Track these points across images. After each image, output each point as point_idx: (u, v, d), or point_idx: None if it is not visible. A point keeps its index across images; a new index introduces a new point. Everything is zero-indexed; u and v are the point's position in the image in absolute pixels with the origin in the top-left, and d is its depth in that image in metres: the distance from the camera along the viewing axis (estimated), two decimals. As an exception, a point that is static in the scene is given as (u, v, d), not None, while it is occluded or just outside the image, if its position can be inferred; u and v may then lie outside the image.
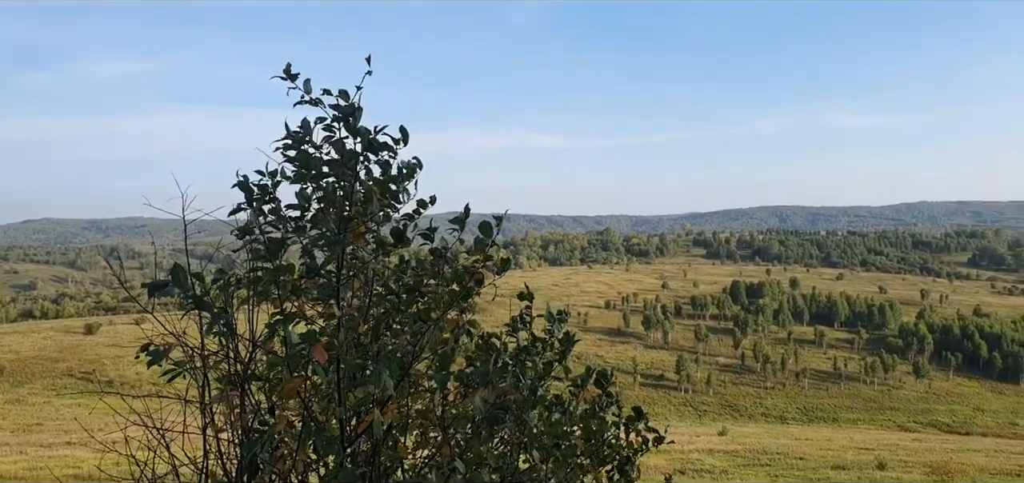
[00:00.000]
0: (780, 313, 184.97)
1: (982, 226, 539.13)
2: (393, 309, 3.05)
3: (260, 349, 2.86)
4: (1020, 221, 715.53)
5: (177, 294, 2.48)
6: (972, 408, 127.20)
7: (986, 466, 49.96)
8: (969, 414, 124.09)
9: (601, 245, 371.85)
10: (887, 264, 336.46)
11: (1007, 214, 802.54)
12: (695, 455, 53.65)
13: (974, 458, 55.03)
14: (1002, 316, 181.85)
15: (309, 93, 2.94)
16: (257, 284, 2.80)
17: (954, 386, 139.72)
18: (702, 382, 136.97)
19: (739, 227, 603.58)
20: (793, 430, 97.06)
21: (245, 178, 2.94)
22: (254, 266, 2.81)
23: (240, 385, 2.87)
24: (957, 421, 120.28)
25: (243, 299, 2.94)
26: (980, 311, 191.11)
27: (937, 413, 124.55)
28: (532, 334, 3.76)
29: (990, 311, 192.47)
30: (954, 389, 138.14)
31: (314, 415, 2.90)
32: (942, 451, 60.89)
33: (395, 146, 3.08)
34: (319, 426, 2.70)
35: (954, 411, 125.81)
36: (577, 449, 3.75)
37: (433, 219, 3.39)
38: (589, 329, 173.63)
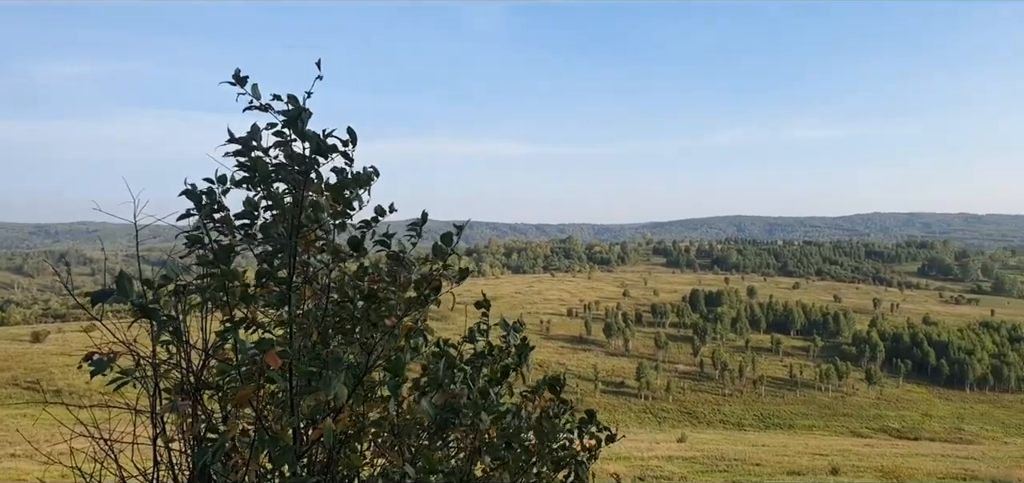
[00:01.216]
0: (738, 321, 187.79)
1: (931, 237, 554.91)
2: (347, 316, 3.00)
3: (212, 357, 2.81)
4: (966, 233, 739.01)
5: (125, 302, 2.42)
6: (921, 414, 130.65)
7: (933, 470, 51.34)
8: (918, 420, 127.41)
9: (564, 253, 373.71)
10: (841, 273, 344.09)
11: (954, 226, 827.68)
12: (655, 462, 54.14)
13: (922, 463, 56.52)
14: (949, 324, 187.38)
15: (258, 98, 2.89)
16: (206, 291, 2.74)
17: (904, 392, 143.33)
18: (662, 389, 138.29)
19: (698, 236, 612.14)
20: (750, 436, 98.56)
21: (193, 186, 2.88)
22: (204, 273, 2.75)
23: (192, 394, 2.81)
24: (907, 426, 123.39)
25: (195, 306, 2.88)
26: (929, 319, 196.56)
27: (888, 419, 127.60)
28: (488, 342, 3.78)
29: (938, 319, 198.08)
30: (904, 395, 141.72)
31: (268, 424, 2.85)
32: (892, 456, 62.41)
33: (345, 148, 3.04)
34: (273, 435, 2.63)
35: (904, 417, 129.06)
36: (531, 454, 3.77)
37: (391, 226, 3.37)
38: (551, 337, 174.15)
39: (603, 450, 4.13)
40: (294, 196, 2.92)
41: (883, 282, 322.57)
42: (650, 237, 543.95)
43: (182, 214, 2.89)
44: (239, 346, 2.55)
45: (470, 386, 3.47)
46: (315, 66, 2.97)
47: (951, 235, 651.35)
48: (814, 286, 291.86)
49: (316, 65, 2.97)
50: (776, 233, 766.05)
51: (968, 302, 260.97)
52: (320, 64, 2.97)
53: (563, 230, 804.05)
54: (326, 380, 2.55)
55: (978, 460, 59.20)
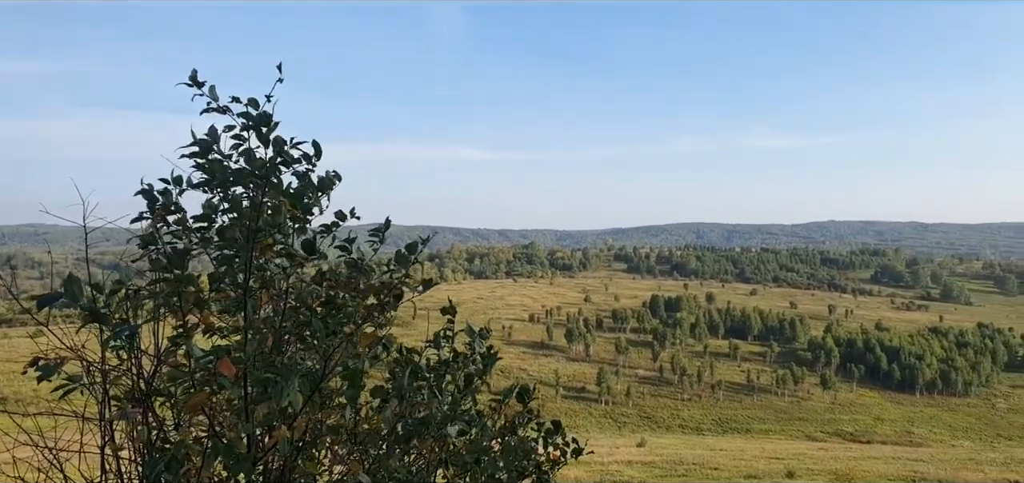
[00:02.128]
0: (697, 327, 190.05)
1: (884, 245, 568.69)
2: (304, 322, 2.94)
3: (164, 363, 2.74)
4: (917, 241, 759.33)
5: (74, 306, 2.34)
6: (873, 417, 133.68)
7: (884, 473, 52.55)
8: (870, 423, 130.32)
9: (526, 259, 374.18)
10: (797, 280, 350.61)
11: (906, 234, 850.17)
12: (614, 466, 54.45)
13: (874, 465, 57.82)
14: (900, 330, 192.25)
15: (216, 100, 2.83)
16: (159, 296, 2.67)
17: (857, 397, 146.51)
18: (622, 394, 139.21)
19: (659, 243, 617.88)
20: (708, 441, 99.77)
21: (149, 187, 2.81)
22: (157, 277, 2.69)
23: (143, 401, 2.74)
24: (859, 430, 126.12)
25: (148, 311, 2.81)
26: (881, 325, 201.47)
27: (842, 423, 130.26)
28: (453, 349, 3.74)
29: (890, 325, 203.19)
30: (857, 399, 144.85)
31: (221, 431, 2.79)
32: (846, 459, 63.72)
33: (311, 159, 2.99)
34: (227, 443, 2.56)
35: (857, 420, 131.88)
36: (497, 463, 3.75)
37: (353, 231, 3.31)
38: (513, 342, 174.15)
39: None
40: (252, 200, 2.85)
41: (838, 289, 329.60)
42: (612, 243, 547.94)
43: (136, 217, 2.81)
44: (192, 352, 2.46)
45: (438, 396, 3.43)
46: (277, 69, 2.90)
47: (902, 243, 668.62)
48: (771, 292, 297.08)
49: (277, 69, 2.90)
50: (734, 240, 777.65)
51: (918, 308, 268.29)
52: (281, 67, 2.90)
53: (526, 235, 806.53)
54: (279, 387, 2.50)
55: (927, 462, 60.80)
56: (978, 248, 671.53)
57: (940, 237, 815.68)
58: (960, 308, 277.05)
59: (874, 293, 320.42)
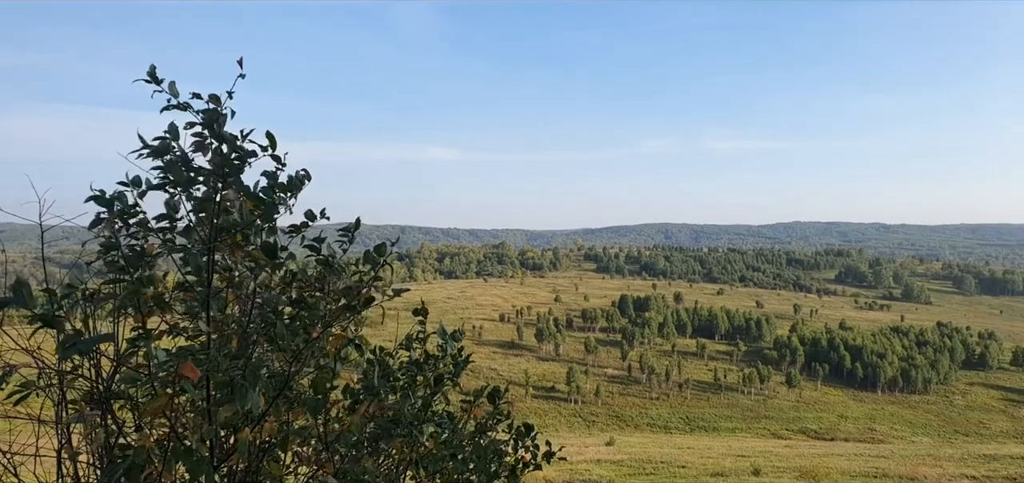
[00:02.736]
0: (665, 326, 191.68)
1: (848, 245, 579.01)
2: (271, 323, 2.90)
3: (124, 365, 2.67)
4: (879, 242, 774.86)
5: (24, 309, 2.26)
6: (837, 415, 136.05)
7: (848, 469, 53.53)
8: (834, 421, 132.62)
9: (497, 258, 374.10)
10: (764, 280, 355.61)
11: (869, 235, 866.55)
12: (583, 466, 54.71)
13: (838, 462, 58.85)
14: (863, 329, 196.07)
15: (176, 97, 2.74)
16: (118, 297, 2.59)
17: (822, 395, 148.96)
18: (591, 393, 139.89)
19: (628, 243, 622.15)
20: (676, 439, 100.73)
21: (101, 192, 2.69)
22: (116, 278, 2.61)
23: (101, 404, 2.65)
24: (824, 427, 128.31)
25: (107, 313, 2.72)
26: (845, 324, 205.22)
27: (806, 420, 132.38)
28: (425, 351, 3.76)
29: (853, 324, 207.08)
30: (821, 398, 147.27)
31: (183, 434, 2.72)
32: (810, 456, 64.78)
33: (272, 152, 2.95)
34: (188, 446, 2.49)
35: (821, 418, 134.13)
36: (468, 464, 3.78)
37: (323, 230, 3.30)
38: (483, 342, 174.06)
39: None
40: (214, 200, 2.78)
41: (803, 288, 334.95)
42: (582, 243, 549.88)
43: (94, 220, 2.70)
44: (152, 354, 2.40)
45: (410, 396, 3.45)
46: (237, 65, 2.86)
47: (866, 244, 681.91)
48: (738, 292, 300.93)
49: (238, 64, 2.84)
50: (702, 240, 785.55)
51: (880, 308, 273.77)
52: (242, 62, 2.85)
53: (496, 235, 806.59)
54: (242, 390, 2.45)
55: (888, 459, 62.07)
56: (938, 249, 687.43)
57: (902, 238, 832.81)
58: (920, 308, 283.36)
59: (838, 293, 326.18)
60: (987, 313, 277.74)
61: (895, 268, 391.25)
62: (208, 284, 2.74)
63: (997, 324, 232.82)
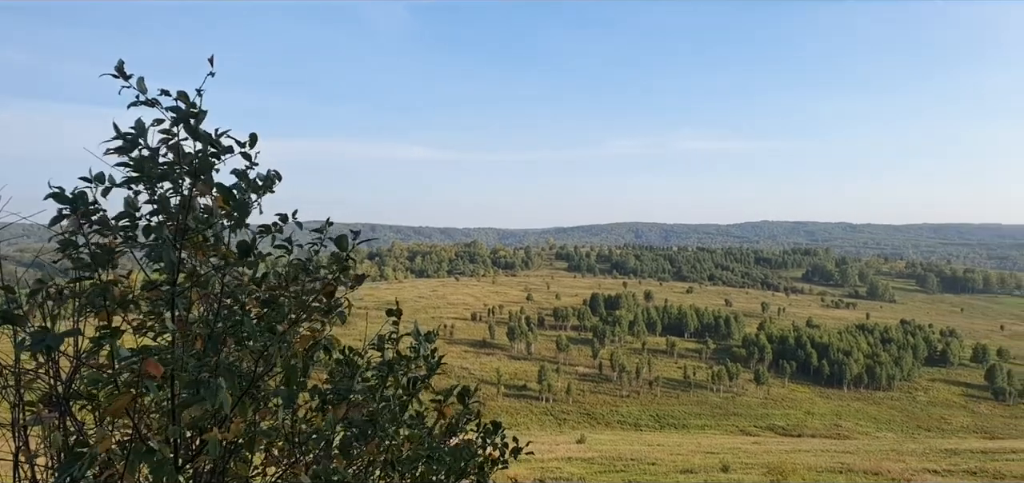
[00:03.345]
0: (635, 324, 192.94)
1: (814, 244, 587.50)
2: (237, 323, 2.86)
3: (85, 365, 2.61)
4: (845, 241, 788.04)
5: None
6: (804, 412, 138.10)
7: (814, 465, 54.36)
8: (801, 418, 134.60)
9: (468, 257, 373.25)
10: (732, 278, 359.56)
11: (835, 234, 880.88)
12: (554, 463, 54.87)
13: (805, 458, 59.76)
14: (830, 327, 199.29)
15: (144, 93, 2.68)
16: (80, 296, 2.53)
17: (789, 392, 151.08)
18: (562, 391, 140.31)
19: (599, 242, 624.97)
20: (646, 436, 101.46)
21: (60, 189, 2.62)
22: (77, 277, 2.55)
23: (60, 405, 2.58)
24: (791, 424, 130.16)
25: (68, 311, 2.67)
26: (812, 322, 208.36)
27: (774, 417, 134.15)
28: (397, 352, 3.74)
29: (820, 322, 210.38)
30: (789, 394, 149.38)
31: (147, 435, 2.65)
32: (778, 453, 65.68)
33: (243, 148, 2.90)
34: (152, 447, 2.40)
35: (788, 415, 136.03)
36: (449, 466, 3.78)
37: (293, 230, 3.28)
38: (455, 341, 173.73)
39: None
40: (182, 198, 2.72)
41: (771, 287, 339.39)
42: (553, 242, 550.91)
43: (54, 218, 2.63)
44: (115, 353, 2.33)
45: (389, 401, 3.43)
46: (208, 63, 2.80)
47: (832, 243, 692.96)
48: (707, 290, 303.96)
49: (209, 62, 2.79)
50: (672, 239, 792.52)
51: (846, 306, 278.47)
52: (213, 60, 2.80)
53: (468, 234, 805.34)
54: (211, 387, 2.40)
55: (853, 454, 63.19)
56: (902, 248, 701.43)
57: (867, 238, 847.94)
58: (885, 306, 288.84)
59: (805, 291, 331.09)
60: (948, 311, 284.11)
61: (861, 267, 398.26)
62: (173, 283, 2.67)
63: (958, 321, 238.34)
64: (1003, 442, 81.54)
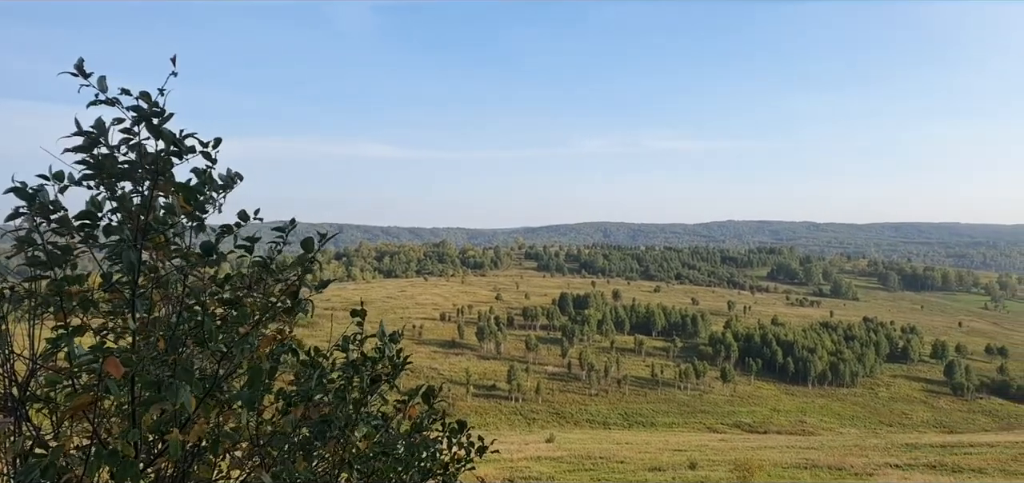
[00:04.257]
0: (603, 323, 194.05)
1: (779, 244, 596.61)
2: (199, 323, 2.82)
3: (42, 367, 2.55)
4: (809, 240, 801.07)
5: None
6: (769, 409, 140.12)
7: (780, 461, 55.13)
8: (767, 414, 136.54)
9: (437, 257, 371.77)
10: (699, 277, 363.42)
11: (800, 233, 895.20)
12: (523, 463, 54.90)
13: (770, 454, 60.59)
14: (794, 325, 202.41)
15: (104, 91, 2.62)
16: (36, 296, 2.48)
17: (755, 389, 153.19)
18: (532, 391, 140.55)
19: (567, 241, 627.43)
20: (615, 435, 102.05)
21: (23, 184, 2.57)
22: (34, 275, 2.50)
23: (16, 409, 2.53)
24: (757, 421, 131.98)
25: (24, 311, 2.61)
26: (777, 320, 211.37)
27: (740, 414, 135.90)
28: (362, 353, 3.67)
29: (785, 320, 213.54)
30: (755, 392, 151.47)
31: (105, 437, 2.60)
32: (744, 449, 66.48)
33: (210, 154, 2.86)
34: (112, 449, 2.35)
35: (754, 412, 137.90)
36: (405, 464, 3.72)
37: (258, 230, 3.19)
38: (424, 341, 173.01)
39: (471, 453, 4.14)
40: (143, 197, 2.68)
41: (736, 286, 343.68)
42: (522, 242, 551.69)
43: (10, 214, 2.58)
44: (74, 354, 2.28)
45: (345, 399, 3.36)
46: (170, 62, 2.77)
47: (796, 242, 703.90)
48: (674, 289, 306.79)
49: (171, 61, 2.75)
50: (639, 239, 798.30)
51: (811, 304, 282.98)
52: (175, 60, 2.76)
53: (437, 234, 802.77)
54: (174, 388, 2.36)
55: (818, 450, 64.23)
56: (864, 247, 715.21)
57: (831, 237, 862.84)
58: (848, 304, 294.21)
59: (770, 290, 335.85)
60: (909, 308, 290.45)
61: (824, 266, 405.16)
62: (133, 283, 2.62)
63: (918, 319, 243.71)
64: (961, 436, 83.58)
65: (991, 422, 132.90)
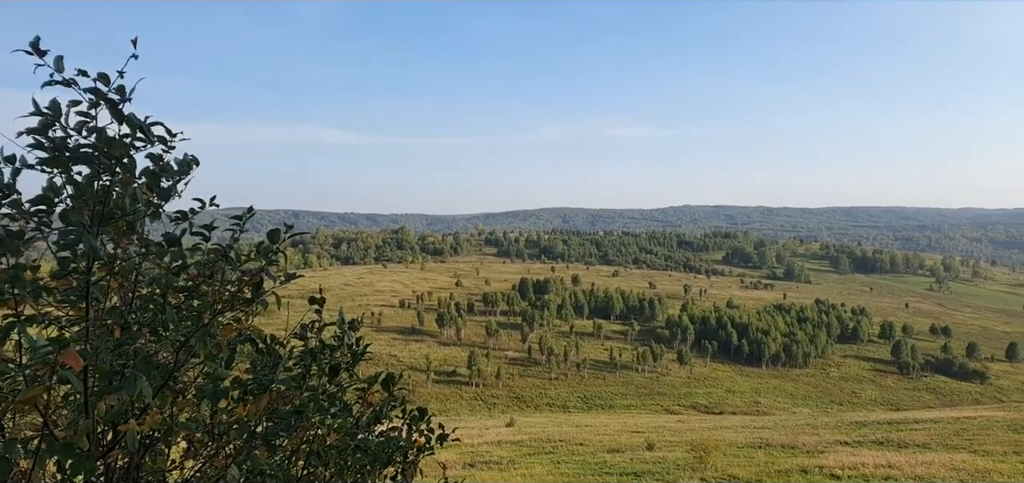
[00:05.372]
0: (563, 308, 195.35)
1: (734, 228, 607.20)
2: (157, 312, 2.76)
3: None
4: (763, 224, 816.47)
5: None
6: (725, 390, 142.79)
7: (735, 441, 56.21)
8: (722, 395, 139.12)
9: (396, 244, 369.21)
10: (656, 262, 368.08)
11: (754, 218, 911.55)
12: (484, 448, 55.07)
13: (726, 435, 61.72)
14: (749, 307, 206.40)
15: (61, 71, 2.51)
16: None
17: (711, 371, 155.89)
18: (492, 376, 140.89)
19: (527, 227, 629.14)
20: (574, 418, 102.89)
21: None
22: None
23: None
24: (713, 402, 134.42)
25: None
26: (732, 303, 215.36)
27: (697, 396, 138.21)
28: (321, 341, 3.65)
29: (740, 303, 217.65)
30: (711, 373, 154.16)
31: (55, 429, 2.51)
32: (701, 430, 67.65)
33: (170, 139, 2.81)
34: (64, 441, 2.27)
35: (710, 393, 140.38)
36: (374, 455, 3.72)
37: (214, 218, 3.14)
38: (383, 329, 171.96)
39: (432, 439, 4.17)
40: (102, 183, 2.59)
41: (693, 270, 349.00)
42: (482, 228, 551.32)
43: None
44: (31, 344, 2.22)
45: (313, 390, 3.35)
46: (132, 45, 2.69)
47: (751, 226, 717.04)
48: (632, 274, 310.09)
49: (132, 44, 2.67)
50: (598, 224, 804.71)
51: (765, 287, 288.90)
52: (136, 42, 2.68)
53: (395, 220, 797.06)
54: (131, 378, 2.29)
55: (771, 429, 65.67)
56: (816, 231, 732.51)
57: (784, 221, 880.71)
58: (801, 286, 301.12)
59: (725, 273, 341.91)
60: (859, 290, 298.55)
61: (778, 249, 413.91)
62: (89, 270, 2.54)
63: (867, 300, 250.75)
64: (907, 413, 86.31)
65: (935, 399, 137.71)
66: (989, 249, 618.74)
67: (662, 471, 44.16)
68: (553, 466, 48.61)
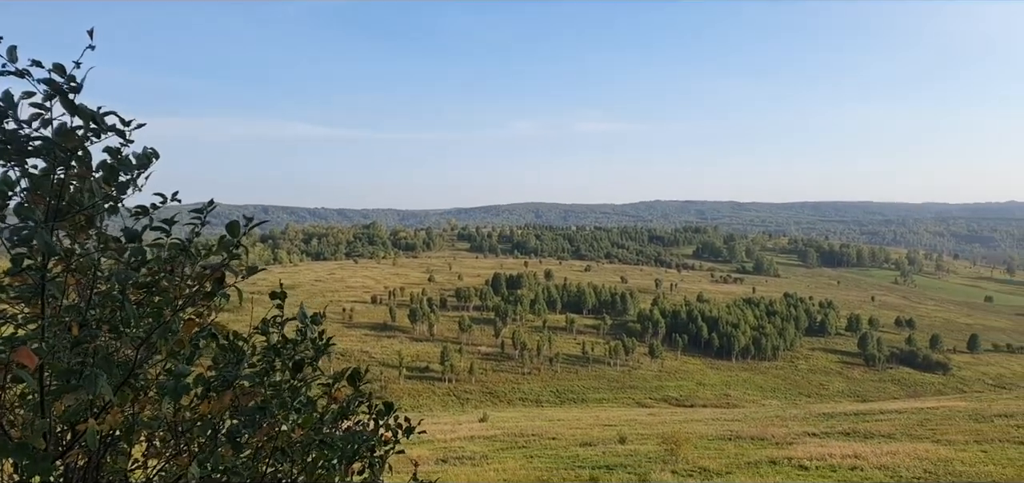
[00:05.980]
0: (536, 303, 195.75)
1: (704, 222, 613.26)
2: (117, 308, 2.69)
3: None
4: (733, 219, 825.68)
5: None
6: (695, 383, 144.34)
7: (705, 433, 56.85)
8: (693, 388, 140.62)
9: (367, 239, 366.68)
10: (628, 256, 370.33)
11: (723, 213, 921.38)
12: (457, 443, 55.03)
13: (697, 427, 62.39)
14: (719, 301, 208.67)
15: (13, 62, 2.45)
16: None
17: (681, 364, 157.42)
18: (465, 371, 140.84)
19: (500, 222, 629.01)
20: (547, 412, 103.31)
21: None
22: None
23: None
24: (684, 395, 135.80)
25: None
26: (702, 297, 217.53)
27: (668, 389, 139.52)
28: (283, 336, 3.60)
29: (710, 297, 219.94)
30: (681, 367, 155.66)
31: (11, 430, 2.48)
32: (672, 423, 68.31)
33: (124, 127, 2.72)
34: (18, 442, 2.19)
35: (681, 386, 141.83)
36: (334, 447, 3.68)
37: (177, 213, 3.06)
38: (354, 325, 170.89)
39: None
40: (56, 176, 2.49)
41: (664, 264, 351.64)
42: (455, 223, 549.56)
43: None
44: None
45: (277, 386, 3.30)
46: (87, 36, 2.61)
47: (721, 221, 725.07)
48: (604, 268, 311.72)
49: (88, 35, 2.60)
50: (570, 219, 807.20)
51: (734, 281, 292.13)
52: (92, 33, 2.60)
53: (367, 215, 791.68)
54: (91, 376, 2.23)
55: (741, 421, 66.55)
56: (785, 225, 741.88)
57: (753, 215, 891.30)
58: (770, 280, 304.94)
59: (696, 268, 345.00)
60: (826, 284, 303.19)
61: (747, 243, 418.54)
62: (43, 267, 2.47)
63: (835, 293, 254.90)
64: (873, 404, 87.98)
65: (899, 390, 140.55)
66: (951, 243, 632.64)
67: (634, 464, 44.50)
68: (526, 460, 48.74)
